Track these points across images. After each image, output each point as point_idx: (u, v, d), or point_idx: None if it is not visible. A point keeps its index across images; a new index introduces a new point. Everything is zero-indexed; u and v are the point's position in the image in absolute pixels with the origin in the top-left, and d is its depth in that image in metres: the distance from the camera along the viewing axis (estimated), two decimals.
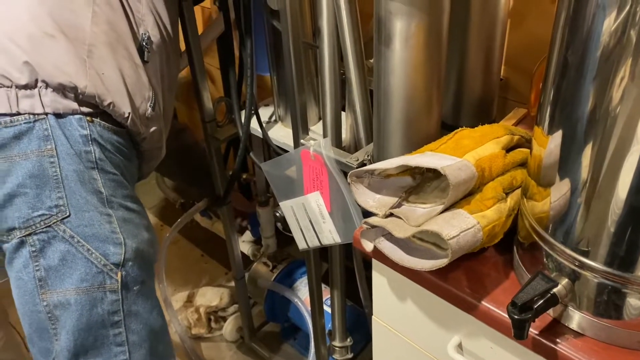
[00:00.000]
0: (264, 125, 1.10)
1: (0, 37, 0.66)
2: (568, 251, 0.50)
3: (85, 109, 0.71)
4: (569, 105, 0.46)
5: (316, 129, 1.05)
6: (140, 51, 0.77)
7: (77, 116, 0.70)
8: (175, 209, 1.86)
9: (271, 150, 1.10)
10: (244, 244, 1.58)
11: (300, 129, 0.94)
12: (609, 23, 0.40)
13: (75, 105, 0.70)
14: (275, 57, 1.04)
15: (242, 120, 1.09)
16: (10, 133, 0.66)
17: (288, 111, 1.08)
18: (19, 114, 0.66)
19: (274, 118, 1.14)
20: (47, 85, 0.67)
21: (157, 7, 0.82)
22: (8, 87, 0.66)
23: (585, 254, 0.49)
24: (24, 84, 0.66)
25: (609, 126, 0.43)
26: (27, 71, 0.66)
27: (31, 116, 0.67)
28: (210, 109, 1.12)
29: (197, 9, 1.10)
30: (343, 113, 0.94)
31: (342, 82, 0.89)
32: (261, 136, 1.10)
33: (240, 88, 1.14)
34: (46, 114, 0.68)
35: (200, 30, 1.06)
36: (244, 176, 1.43)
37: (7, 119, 0.66)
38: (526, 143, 0.66)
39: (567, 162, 0.48)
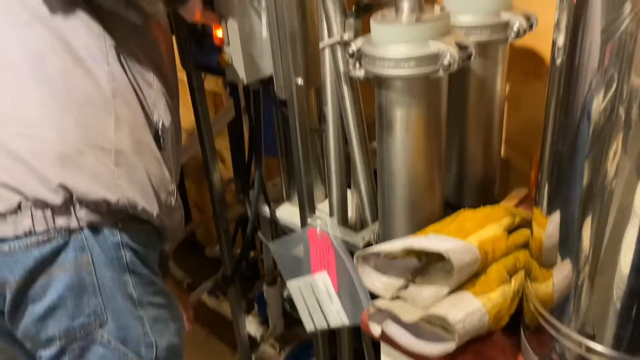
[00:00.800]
0: (271, 204, 1.12)
1: (30, 159, 0.67)
2: (574, 335, 0.50)
3: (116, 218, 0.73)
4: (565, 183, 0.48)
5: (323, 207, 1.07)
6: (157, 139, 0.80)
7: (109, 225, 0.72)
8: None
9: (279, 229, 1.12)
10: (251, 324, 1.55)
11: (307, 208, 0.97)
12: (598, 102, 0.43)
13: (107, 217, 0.72)
14: (283, 140, 1.08)
15: (251, 200, 1.11)
16: (48, 249, 0.68)
17: (295, 191, 1.11)
18: (55, 230, 0.68)
19: (281, 198, 1.17)
20: (81, 203, 0.69)
21: (164, 88, 0.85)
22: (44, 208, 0.67)
23: (592, 337, 0.49)
24: (60, 204, 0.68)
25: (606, 201, 0.44)
26: (62, 192, 0.67)
27: (67, 231, 0.69)
28: (220, 189, 1.15)
29: (208, 95, 1.15)
30: (349, 190, 0.97)
31: (347, 162, 0.93)
32: (269, 215, 1.12)
33: (249, 169, 1.18)
34: (81, 227, 0.70)
35: (211, 115, 1.12)
36: (252, 254, 1.44)
37: (45, 236, 0.68)
38: (527, 224, 0.67)
39: (567, 242, 0.50)
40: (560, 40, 0.46)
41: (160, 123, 0.82)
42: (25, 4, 0.71)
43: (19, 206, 0.67)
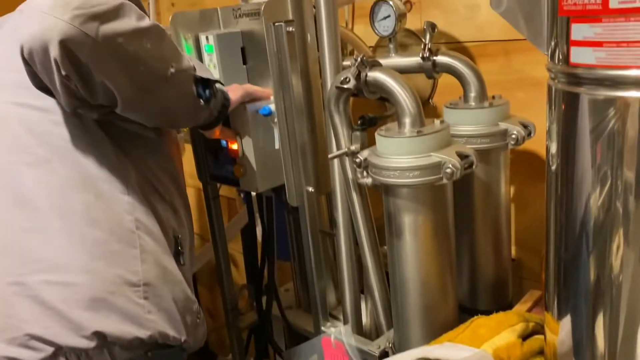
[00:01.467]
0: (284, 311, 1.12)
1: (62, 306, 0.68)
2: None
3: (147, 349, 0.74)
4: (572, 284, 0.48)
5: (336, 312, 1.06)
6: (177, 256, 0.81)
7: (140, 356, 0.73)
8: None
9: (292, 336, 1.11)
10: None
11: (320, 315, 0.96)
12: (595, 199, 0.44)
13: (139, 349, 0.73)
14: (295, 245, 1.10)
15: (264, 306, 1.11)
16: None
17: (308, 296, 1.11)
18: None
19: (294, 303, 1.16)
20: (114, 343, 0.70)
21: (180, 198, 0.86)
22: (79, 354, 0.68)
23: None
24: (94, 347, 0.68)
25: (615, 297, 0.45)
26: (96, 338, 0.68)
27: None
28: (233, 297, 1.15)
29: (222, 200, 1.19)
30: (362, 295, 0.96)
31: (359, 267, 0.93)
32: (282, 321, 1.11)
33: (262, 273, 1.18)
34: None
35: (225, 219, 1.15)
36: None
37: None
38: (542, 329, 0.66)
39: (580, 346, 0.49)
40: (553, 148, 0.49)
41: (179, 238, 0.83)
42: (42, 139, 0.74)
43: (55, 354, 0.67)
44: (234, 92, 0.86)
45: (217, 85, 0.83)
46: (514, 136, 0.79)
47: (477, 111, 0.80)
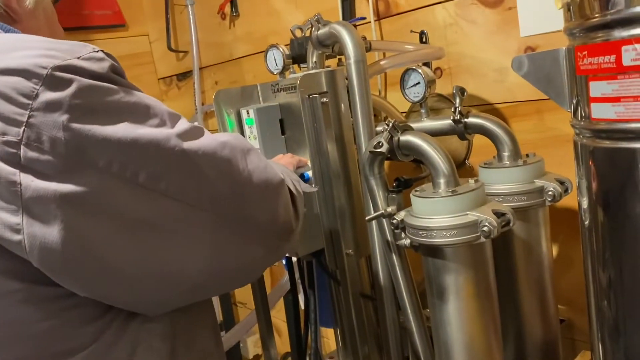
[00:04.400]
0: None
1: None
2: None
3: None
4: (618, 343, 0.47)
5: None
6: None
7: None
8: None
9: None
10: None
11: None
12: (630, 248, 0.44)
13: None
14: (338, 311, 1.09)
15: None
16: None
17: None
18: None
19: None
20: None
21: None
22: None
23: None
24: None
25: None
26: None
27: None
28: None
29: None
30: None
31: (402, 330, 0.92)
32: None
33: (306, 341, 1.18)
34: None
35: (267, 286, 1.16)
36: None
37: None
38: None
39: None
40: (585, 203, 0.49)
41: None
42: None
43: None
44: (288, 163, 0.90)
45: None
46: (550, 192, 0.79)
47: (512, 169, 0.81)
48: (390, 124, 0.78)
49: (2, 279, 0.50)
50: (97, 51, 0.52)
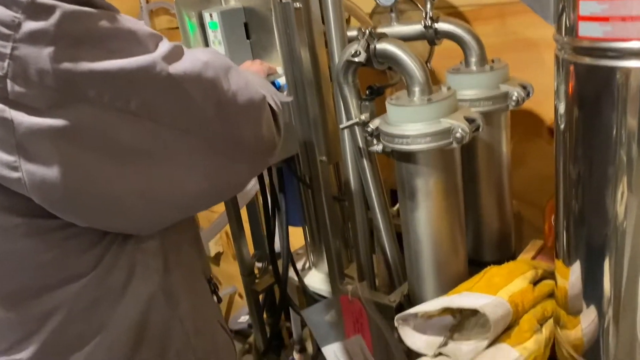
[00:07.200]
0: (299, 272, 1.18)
1: None
2: None
3: None
4: (580, 232, 0.53)
5: (348, 272, 1.12)
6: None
7: None
8: None
9: (308, 297, 1.17)
10: None
11: (337, 274, 1.02)
12: (602, 151, 0.48)
13: None
14: (306, 211, 1.15)
15: (280, 271, 1.17)
16: None
17: (321, 258, 1.17)
18: None
19: (307, 265, 1.23)
20: None
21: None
22: None
23: None
24: None
25: (619, 244, 0.50)
26: None
27: None
28: (250, 263, 1.21)
29: None
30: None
31: (370, 228, 0.99)
32: (297, 284, 1.18)
33: (272, 240, 1.24)
34: None
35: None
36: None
37: None
38: (549, 275, 0.73)
39: (589, 289, 0.55)
40: (562, 108, 0.53)
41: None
42: None
43: None
44: (259, 71, 0.88)
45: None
46: (514, 98, 0.83)
47: (479, 75, 0.85)
48: (367, 32, 0.78)
49: (3, 214, 0.50)
50: None
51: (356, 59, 0.78)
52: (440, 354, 0.66)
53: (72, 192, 0.50)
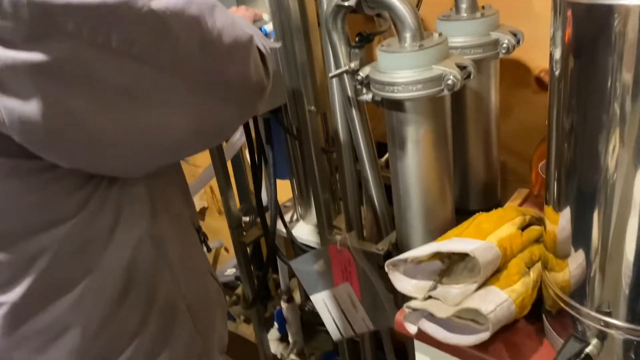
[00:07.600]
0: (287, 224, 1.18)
1: None
2: (593, 314, 0.57)
3: None
4: (571, 181, 0.54)
5: (336, 223, 1.13)
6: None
7: None
8: None
9: (296, 248, 1.18)
10: (272, 342, 1.60)
11: (326, 225, 1.03)
12: (596, 102, 0.49)
13: None
14: (294, 163, 1.14)
15: (268, 223, 1.17)
16: None
17: (308, 210, 1.18)
18: None
19: (295, 218, 1.23)
20: None
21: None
22: None
23: (608, 314, 0.56)
24: None
25: (609, 194, 0.51)
26: None
27: None
28: (237, 215, 1.21)
29: None
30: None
31: (358, 181, 0.99)
32: (285, 235, 1.18)
33: (259, 193, 1.24)
34: None
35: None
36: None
37: None
38: (537, 221, 0.74)
39: (578, 235, 0.56)
40: (557, 53, 0.53)
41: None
42: None
43: None
44: (245, 17, 0.85)
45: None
46: (505, 45, 0.83)
47: (470, 22, 0.83)
48: None
49: None
50: None
51: (346, 3, 0.76)
52: (430, 297, 0.67)
53: (53, 131, 0.48)
